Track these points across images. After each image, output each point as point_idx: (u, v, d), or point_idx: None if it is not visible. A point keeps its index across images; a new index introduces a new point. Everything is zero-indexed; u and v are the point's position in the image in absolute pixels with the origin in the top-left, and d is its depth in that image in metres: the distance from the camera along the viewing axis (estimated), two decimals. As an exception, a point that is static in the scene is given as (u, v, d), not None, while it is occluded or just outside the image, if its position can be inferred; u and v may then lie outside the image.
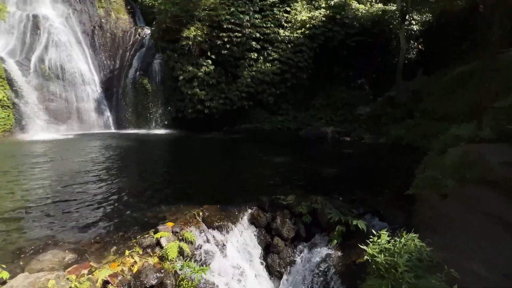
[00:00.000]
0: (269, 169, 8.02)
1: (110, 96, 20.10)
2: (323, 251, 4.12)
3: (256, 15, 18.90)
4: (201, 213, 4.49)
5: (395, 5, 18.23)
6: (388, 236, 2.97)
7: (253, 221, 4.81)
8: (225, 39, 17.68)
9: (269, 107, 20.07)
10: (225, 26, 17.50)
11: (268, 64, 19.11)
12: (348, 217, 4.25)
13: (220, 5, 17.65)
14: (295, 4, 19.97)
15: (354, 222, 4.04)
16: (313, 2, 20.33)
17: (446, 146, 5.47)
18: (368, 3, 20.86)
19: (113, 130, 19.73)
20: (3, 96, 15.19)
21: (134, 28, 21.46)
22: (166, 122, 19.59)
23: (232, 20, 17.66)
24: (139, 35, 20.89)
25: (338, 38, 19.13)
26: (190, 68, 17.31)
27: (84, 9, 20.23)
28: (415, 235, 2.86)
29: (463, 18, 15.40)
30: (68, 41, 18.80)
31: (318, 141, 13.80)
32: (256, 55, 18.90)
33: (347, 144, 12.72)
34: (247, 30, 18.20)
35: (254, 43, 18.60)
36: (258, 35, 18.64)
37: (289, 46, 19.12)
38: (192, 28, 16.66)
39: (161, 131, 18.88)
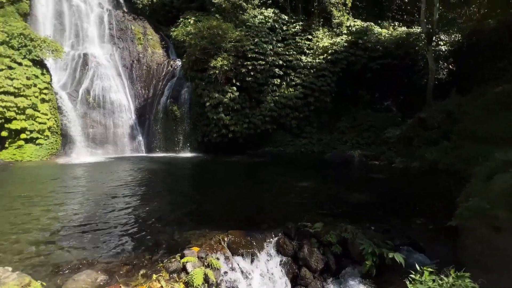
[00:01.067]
0: (294, 193, 7.84)
1: (143, 122, 21.64)
2: (355, 286, 3.80)
3: (279, 44, 19.84)
4: (226, 238, 4.44)
5: (420, 27, 18.14)
6: (433, 273, 2.67)
7: (279, 249, 4.63)
8: (249, 67, 18.60)
9: (292, 130, 20.13)
10: (249, 55, 18.51)
11: (291, 89, 19.55)
12: (382, 249, 3.93)
13: (245, 37, 18.88)
14: (317, 32, 20.71)
15: (390, 255, 3.71)
16: (335, 30, 20.93)
17: (493, 172, 4.96)
18: (391, 27, 20.97)
19: (144, 153, 20.93)
20: (53, 124, 17.09)
21: (167, 60, 23.53)
22: (192, 146, 20.39)
23: (256, 50, 18.68)
24: (171, 66, 22.81)
25: (361, 62, 19.22)
26: (216, 95, 18.25)
27: (125, 46, 22.84)
28: (466, 274, 2.53)
29: (496, 36, 14.76)
30: (110, 74, 21.08)
31: (344, 165, 13.34)
32: (279, 81, 19.51)
33: (376, 168, 12.12)
34: (270, 58, 19.05)
35: (277, 69, 19.31)
36: (281, 62, 19.39)
37: (312, 71, 19.54)
38: (219, 59, 17.84)
39: (188, 155, 19.61)
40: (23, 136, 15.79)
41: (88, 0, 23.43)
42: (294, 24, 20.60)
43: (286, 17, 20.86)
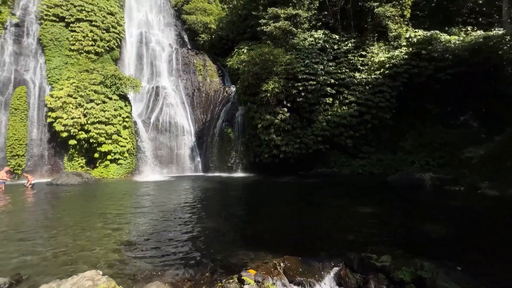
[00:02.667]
0: (353, 220, 7.16)
1: (201, 144, 23.60)
2: None
3: (330, 63, 19.60)
4: (282, 264, 4.27)
5: (501, 29, 15.60)
6: None
7: (340, 281, 4.19)
8: (300, 88, 18.74)
9: (348, 150, 18.96)
10: (300, 77, 18.74)
11: (344, 107, 18.77)
12: (476, 297, 3.16)
13: (295, 60, 19.33)
14: (371, 47, 19.82)
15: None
16: (391, 43, 19.68)
17: None
18: (462, 33, 18.61)
19: (201, 173, 22.55)
20: (131, 146, 20.09)
21: (223, 87, 25.71)
22: (245, 166, 21.06)
23: (307, 71, 18.82)
24: (226, 92, 24.76)
25: (426, 73, 17.35)
26: (268, 117, 18.77)
27: (188, 78, 26.00)
28: None
29: None
30: (175, 102, 24.07)
31: (412, 190, 11.69)
32: (331, 99, 19.01)
33: (454, 195, 10.24)
34: (321, 77, 18.89)
35: (328, 88, 18.93)
36: (332, 80, 18.99)
37: (367, 87, 18.51)
38: (270, 82, 18.56)
39: (241, 174, 20.26)
40: (109, 157, 18.96)
41: (161, 42, 27.89)
42: (346, 42, 20.21)
43: (337, 36, 20.69)
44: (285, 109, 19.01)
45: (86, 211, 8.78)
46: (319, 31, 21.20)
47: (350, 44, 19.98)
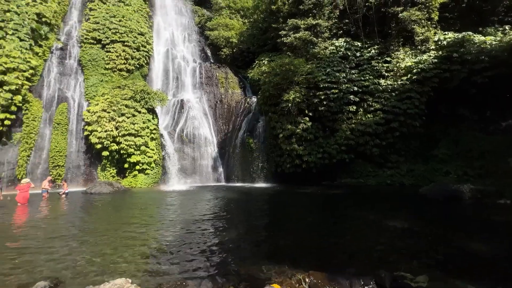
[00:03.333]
0: (384, 234, 6.71)
1: (223, 154, 23.98)
2: None
3: (353, 71, 19.19)
4: (307, 279, 4.09)
5: (546, 26, 14.29)
6: None
7: (370, 302, 3.90)
8: (322, 97, 18.49)
9: (374, 159, 18.13)
10: (321, 86, 18.54)
11: (369, 115, 18.12)
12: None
13: (316, 69, 19.22)
14: (396, 53, 19.13)
15: None
16: (419, 47, 18.84)
17: None
18: (499, 32, 17.33)
19: (223, 183, 22.79)
20: (158, 157, 20.99)
21: (244, 98, 26.18)
22: (267, 176, 20.94)
23: (328, 79, 18.59)
24: (247, 103, 25.16)
25: (459, 77, 16.27)
26: (289, 126, 18.66)
27: (211, 90, 26.91)
28: None
29: None
30: (199, 114, 24.92)
31: (449, 203, 10.76)
32: (354, 107, 18.47)
33: (499, 209, 9.23)
34: (343, 86, 18.52)
35: (352, 96, 18.46)
36: (355, 88, 18.52)
37: (393, 94, 17.77)
38: (291, 92, 18.56)
39: (262, 185, 20.15)
40: (137, 167, 19.94)
41: (186, 57, 29.37)
42: (369, 49, 19.75)
43: (359, 44, 20.31)
44: (307, 119, 18.80)
45: (116, 220, 9.22)
46: (340, 39, 20.99)
47: (373, 51, 19.48)
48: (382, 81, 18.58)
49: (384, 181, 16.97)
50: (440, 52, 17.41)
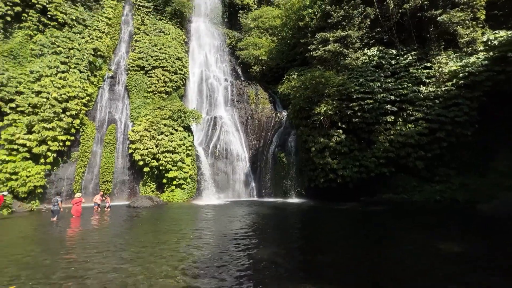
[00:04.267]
0: (436, 259, 5.94)
1: (255, 169, 24.09)
2: None
3: (389, 80, 18.26)
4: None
5: None
6: None
7: None
8: (356, 108, 17.79)
9: (419, 173, 16.57)
10: (354, 96, 17.90)
11: (409, 125, 16.85)
12: None
13: (348, 80, 18.71)
14: (437, 57, 17.79)
15: None
16: (464, 49, 17.31)
17: None
18: None
19: (255, 198, 22.72)
20: (193, 172, 21.90)
21: (274, 113, 26.41)
22: (300, 192, 20.37)
23: (362, 90, 17.90)
24: (278, 118, 25.29)
25: (519, 79, 14.38)
26: (321, 139, 18.16)
27: (242, 107, 27.74)
28: None
29: None
30: (231, 130, 25.69)
31: (518, 223, 9.21)
32: (393, 117, 17.36)
33: None
34: (379, 95, 17.64)
35: (389, 106, 17.44)
36: (392, 97, 17.50)
37: (437, 101, 16.39)
38: (323, 105, 18.22)
39: (295, 200, 19.60)
40: (174, 182, 20.99)
41: (218, 77, 30.97)
42: (406, 56, 18.71)
43: (394, 51, 19.39)
44: (340, 131, 18.14)
45: (156, 234, 9.67)
46: (372, 48, 20.31)
47: (410, 57, 18.40)
48: (422, 88, 17.30)
49: (433, 196, 15.28)
50: (491, 53, 15.73)
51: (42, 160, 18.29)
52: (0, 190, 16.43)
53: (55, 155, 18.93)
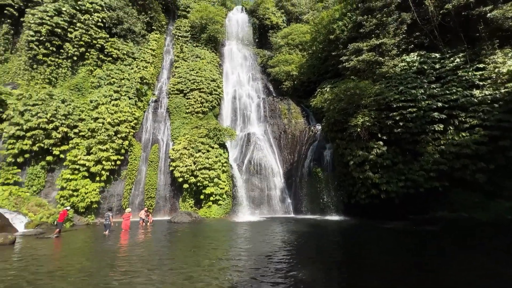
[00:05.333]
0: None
1: (290, 185, 23.58)
2: None
3: (433, 85, 16.81)
4: None
5: None
6: None
7: None
8: (397, 118, 16.60)
9: (480, 187, 14.46)
10: (394, 106, 16.79)
11: (463, 134, 15.07)
12: None
13: (386, 88, 17.72)
14: (492, 57, 15.96)
15: None
16: (525, 45, 15.27)
17: None
18: None
19: (292, 215, 22.03)
20: (228, 188, 22.29)
21: (308, 127, 25.98)
22: (339, 208, 19.24)
23: (403, 98, 16.74)
24: (312, 131, 24.79)
25: None
26: (360, 153, 17.17)
27: (275, 122, 27.93)
28: None
29: None
30: (264, 146, 25.86)
31: None
32: (441, 126, 15.74)
33: None
34: (423, 103, 16.27)
35: (436, 114, 15.90)
36: (440, 104, 15.98)
37: (496, 105, 14.47)
38: (359, 116, 17.41)
39: (334, 218, 18.50)
40: (211, 198, 21.56)
41: (251, 94, 31.93)
42: (452, 58, 17.15)
43: (437, 55, 17.96)
44: (381, 143, 16.98)
45: (195, 249, 9.89)
46: (411, 54, 19.12)
47: (458, 59, 16.81)
48: (476, 92, 15.49)
49: (502, 215, 13.07)
50: (561, 47, 13.59)
51: (97, 178, 20.46)
52: (64, 205, 18.69)
53: (108, 173, 21.05)
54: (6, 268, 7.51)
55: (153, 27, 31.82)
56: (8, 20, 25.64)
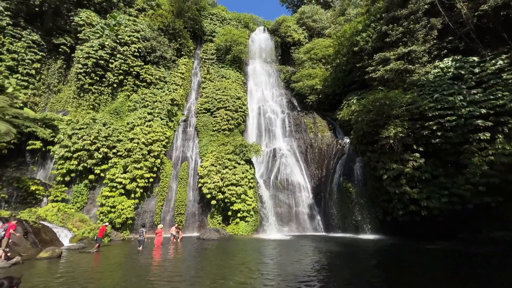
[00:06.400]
0: None
1: (319, 201, 22.68)
2: None
3: (473, 91, 15.52)
4: None
5: None
6: None
7: None
8: (434, 127, 15.45)
9: (544, 204, 12.55)
10: (430, 114, 15.70)
11: (516, 142, 13.44)
12: None
13: (419, 97, 16.75)
14: (542, 56, 14.40)
15: None
16: None
17: None
18: None
19: (322, 232, 20.98)
20: (255, 205, 22.09)
21: (335, 140, 25.23)
22: (373, 226, 17.93)
23: (439, 106, 15.62)
24: (339, 145, 23.98)
25: None
26: (395, 166, 16.10)
27: (300, 137, 27.61)
28: None
29: None
30: (291, 161, 25.49)
31: None
32: (488, 134, 14.26)
33: None
34: (463, 110, 15.00)
35: (479, 121, 14.51)
36: (483, 111, 14.59)
37: (554, 109, 12.81)
38: (391, 127, 16.53)
39: (369, 236, 17.22)
40: (239, 215, 21.48)
41: (275, 110, 32.21)
42: (493, 61, 15.82)
43: (475, 58, 16.71)
44: (417, 155, 15.81)
45: (225, 268, 9.79)
46: (445, 59, 18.04)
47: (501, 62, 15.44)
48: (526, 95, 13.94)
49: None
50: None
51: (132, 195, 21.65)
52: (103, 221, 19.94)
53: (141, 190, 22.20)
54: (58, 280, 8.09)
55: (182, 52, 34.29)
56: (62, 57, 29.47)
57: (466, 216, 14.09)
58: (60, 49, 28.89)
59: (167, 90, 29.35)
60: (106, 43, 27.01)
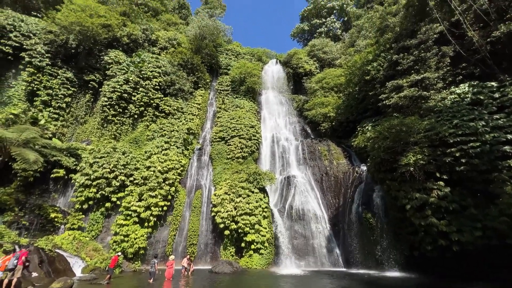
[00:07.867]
0: None
1: (337, 232, 21.39)
2: None
3: (496, 116, 14.93)
4: None
5: None
6: None
7: None
8: (456, 154, 14.70)
9: None
10: (451, 141, 15.08)
11: (552, 169, 12.41)
12: None
13: (437, 123, 16.30)
14: None
15: None
16: None
17: None
18: None
19: (342, 268, 19.43)
20: (270, 236, 21.16)
21: (351, 168, 24.51)
22: (399, 262, 16.42)
23: (460, 132, 15.04)
24: (356, 172, 23.22)
25: None
26: (417, 195, 15.17)
27: (315, 164, 27.14)
28: None
29: None
30: (305, 189, 24.78)
31: None
32: (518, 161, 13.31)
33: None
34: (487, 136, 14.31)
35: (507, 147, 13.69)
36: (510, 136, 13.83)
37: None
38: (410, 154, 15.93)
39: (395, 274, 15.70)
40: (252, 247, 20.54)
41: (289, 138, 32.33)
42: (514, 85, 15.40)
43: (493, 83, 16.37)
44: (441, 183, 14.88)
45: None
46: (461, 85, 17.79)
47: (521, 86, 15.00)
48: (556, 119, 13.18)
49: None
50: None
51: (146, 224, 21.53)
52: (116, 250, 19.71)
53: (155, 219, 22.08)
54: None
55: (199, 84, 36.35)
56: (90, 91, 32.07)
57: (506, 252, 12.62)
58: (89, 85, 31.56)
59: (184, 120, 30.63)
60: (131, 78, 29.30)
